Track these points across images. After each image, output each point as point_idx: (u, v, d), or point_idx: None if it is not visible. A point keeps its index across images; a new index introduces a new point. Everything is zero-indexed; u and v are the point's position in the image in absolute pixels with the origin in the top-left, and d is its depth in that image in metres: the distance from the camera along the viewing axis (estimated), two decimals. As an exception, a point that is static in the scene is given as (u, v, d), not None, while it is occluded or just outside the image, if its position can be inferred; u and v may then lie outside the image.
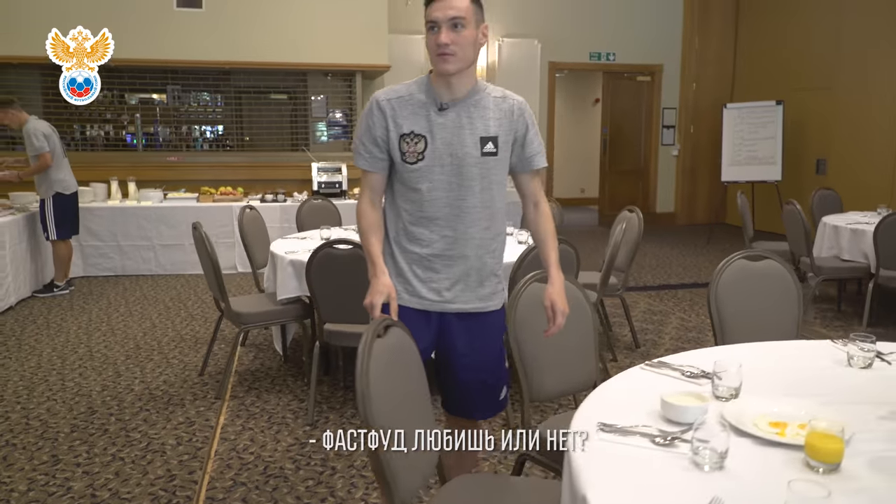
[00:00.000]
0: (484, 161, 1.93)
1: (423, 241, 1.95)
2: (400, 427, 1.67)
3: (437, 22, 1.81)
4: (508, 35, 9.13)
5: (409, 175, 1.91)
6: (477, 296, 2.02)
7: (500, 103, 1.97)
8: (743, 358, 2.03)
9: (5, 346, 4.36)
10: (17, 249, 5.35)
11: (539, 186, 2.11)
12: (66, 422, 3.22)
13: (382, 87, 6.91)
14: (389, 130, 1.90)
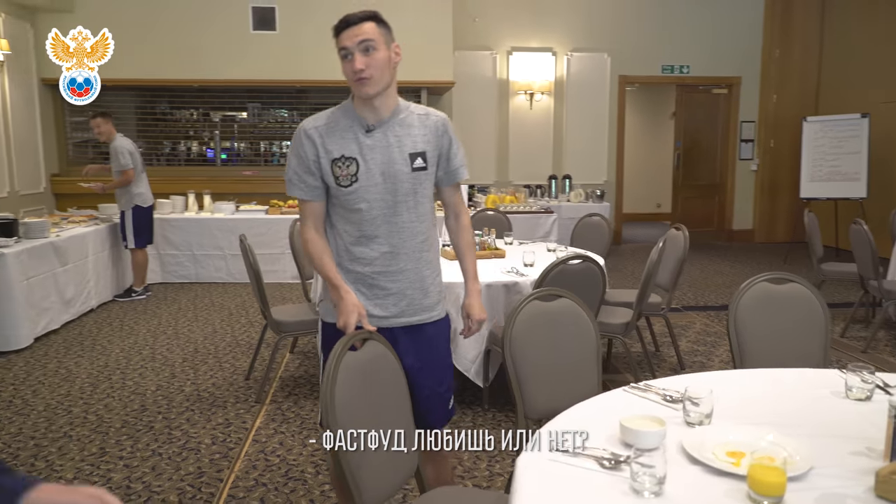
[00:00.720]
0: (416, 176, 1.99)
1: (364, 260, 2.00)
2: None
3: (348, 49, 1.89)
4: (577, 49, 9.09)
5: (345, 198, 1.97)
6: (421, 307, 2.07)
7: (424, 120, 2.03)
8: (737, 384, 2.01)
9: (81, 345, 4.74)
10: (100, 257, 5.79)
11: (461, 198, 2.19)
12: (119, 418, 3.48)
13: (450, 103, 7.08)
14: (320, 157, 1.96)
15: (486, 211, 5.68)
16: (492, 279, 3.48)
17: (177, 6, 7.43)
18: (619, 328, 3.66)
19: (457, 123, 8.91)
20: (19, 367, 4.26)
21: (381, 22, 1.95)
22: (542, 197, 8.66)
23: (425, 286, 2.08)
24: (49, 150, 7.66)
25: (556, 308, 2.34)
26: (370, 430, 1.75)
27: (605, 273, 3.29)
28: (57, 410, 3.57)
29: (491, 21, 8.90)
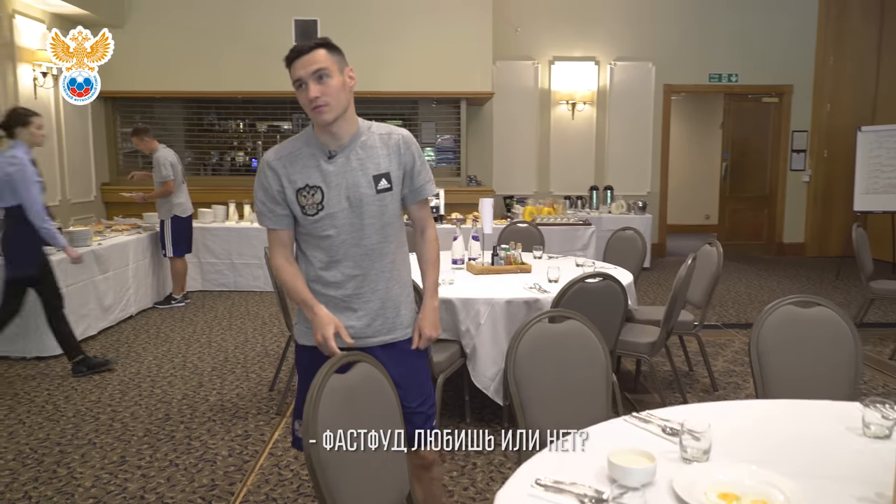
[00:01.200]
0: (381, 198, 1.99)
1: (335, 284, 2.01)
2: (355, 463, 1.72)
3: (302, 79, 1.89)
4: (620, 58, 8.94)
5: (313, 226, 1.97)
6: (395, 325, 2.08)
7: (386, 140, 2.02)
8: (747, 415, 1.90)
9: (116, 351, 4.86)
10: (140, 265, 5.95)
11: (428, 214, 2.18)
12: (143, 426, 3.54)
13: (490, 113, 7.09)
14: (285, 188, 1.96)
15: (518, 224, 5.59)
16: (513, 295, 3.42)
17: (222, 21, 7.62)
18: (646, 348, 3.54)
19: (497, 134, 8.90)
20: (56, 372, 4.39)
21: (333, 48, 1.95)
22: (582, 208, 8.53)
23: (397, 304, 2.08)
24: (100, 159, 7.93)
25: (563, 330, 2.27)
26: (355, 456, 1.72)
27: (626, 292, 3.18)
28: (85, 417, 3.66)
29: (533, 31, 8.83)
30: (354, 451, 1.72)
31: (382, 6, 7.83)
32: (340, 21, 7.81)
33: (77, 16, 7.12)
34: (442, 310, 3.42)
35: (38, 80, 6.67)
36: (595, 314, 3.08)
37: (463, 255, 4.22)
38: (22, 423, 3.58)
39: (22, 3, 6.48)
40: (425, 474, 2.16)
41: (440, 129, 8.63)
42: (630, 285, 3.78)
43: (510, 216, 7.63)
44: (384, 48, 7.86)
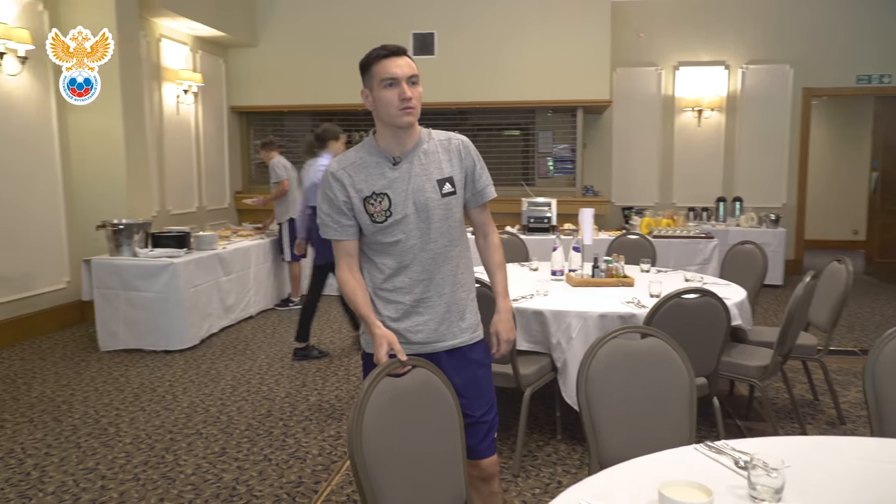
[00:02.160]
0: (446, 202, 2.00)
1: (403, 289, 2.00)
2: (404, 468, 1.70)
3: (397, 78, 1.91)
4: (753, 61, 8.38)
5: (381, 233, 1.97)
6: (460, 329, 2.07)
7: (446, 145, 2.04)
8: (847, 453, 1.69)
9: (234, 349, 5.17)
10: (261, 268, 6.30)
11: (489, 218, 2.17)
12: (246, 420, 3.73)
13: (610, 121, 6.96)
14: (351, 197, 1.96)
15: (629, 235, 5.37)
16: (608, 309, 3.28)
17: (346, 37, 7.94)
18: (756, 372, 3.26)
19: (617, 142, 8.63)
20: (178, 365, 4.73)
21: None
22: (707, 221, 8.06)
23: (461, 309, 2.07)
24: (234, 169, 8.52)
25: (643, 348, 2.14)
26: (405, 461, 1.71)
27: (728, 310, 2.94)
28: (197, 408, 3.91)
29: (657, 35, 8.49)
30: (403, 457, 1.70)
31: (498, 17, 7.84)
32: (457, 33, 7.92)
33: (216, 38, 7.70)
34: (533, 321, 3.36)
35: (180, 97, 7.27)
36: (692, 332, 2.91)
37: (563, 266, 4.10)
38: (143, 410, 3.88)
39: (168, 28, 7.10)
40: (485, 487, 2.11)
41: (557, 139, 8.49)
42: (742, 303, 3.51)
43: (627, 227, 7.36)
44: (500, 58, 7.87)
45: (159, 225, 6.69)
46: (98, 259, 5.06)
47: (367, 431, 1.64)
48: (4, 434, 3.52)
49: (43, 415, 3.79)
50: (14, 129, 5.25)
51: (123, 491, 2.93)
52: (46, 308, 5.57)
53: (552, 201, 6.95)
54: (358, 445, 1.61)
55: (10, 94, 5.19)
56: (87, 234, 5.70)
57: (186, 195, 7.49)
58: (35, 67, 5.40)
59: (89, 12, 5.67)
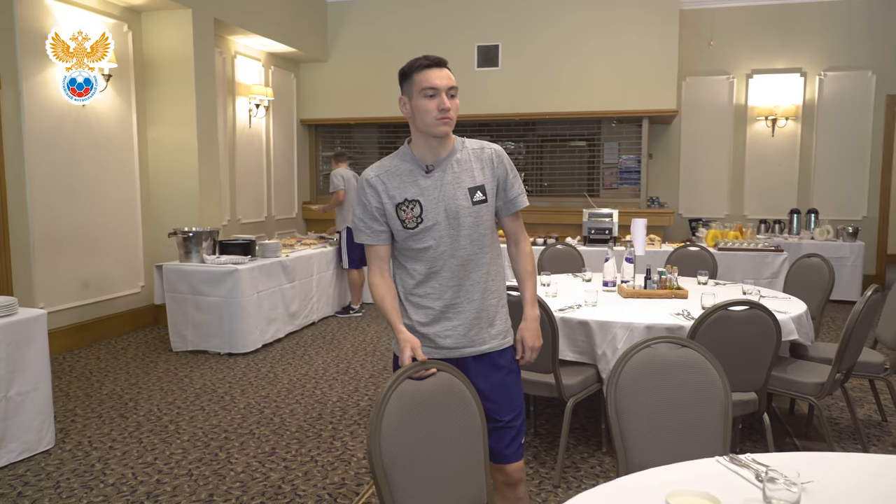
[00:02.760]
0: (477, 210, 2.03)
1: (433, 295, 2.05)
2: (423, 470, 1.72)
3: (437, 89, 1.94)
4: (832, 68, 8.02)
5: (412, 239, 2.02)
6: (489, 335, 2.09)
7: (479, 154, 2.07)
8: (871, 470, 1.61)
9: (294, 354, 5.33)
10: (323, 276, 6.47)
11: (521, 227, 2.20)
12: (297, 422, 3.84)
13: (678, 131, 6.85)
14: (384, 203, 2.01)
15: (689, 247, 5.23)
16: (655, 321, 3.21)
17: (412, 50, 8.00)
18: (812, 389, 3.12)
19: (685, 153, 8.43)
20: (240, 367, 4.92)
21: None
22: (780, 233, 7.74)
23: (491, 315, 2.10)
24: (302, 180, 8.80)
25: (676, 359, 2.09)
26: (424, 463, 1.73)
27: (778, 324, 2.82)
28: (253, 409, 4.06)
29: (729, 43, 8.25)
30: (422, 458, 1.73)
31: (562, 28, 7.82)
32: (521, 44, 7.94)
33: (288, 54, 8.00)
34: (579, 332, 3.33)
35: (252, 110, 7.59)
36: (739, 346, 2.83)
37: (614, 277, 4.04)
38: (203, 409, 4.05)
39: (243, 45, 7.43)
40: (511, 492, 2.11)
41: (623, 149, 8.37)
42: (801, 318, 3.36)
43: (693, 240, 7.16)
44: (564, 69, 7.84)
45: (230, 233, 6.99)
46: (169, 265, 5.33)
47: (386, 432, 1.67)
48: (75, 427, 3.75)
49: (111, 411, 4.02)
50: (99, 143, 5.61)
51: (177, 485, 3.07)
52: (123, 311, 5.90)
53: (614, 212, 6.85)
54: (376, 446, 1.65)
55: (95, 109, 5.56)
56: (160, 241, 6.01)
57: (256, 205, 7.79)
58: (118, 84, 5.77)
59: (169, 32, 6.01)
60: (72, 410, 4.01)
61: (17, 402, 3.27)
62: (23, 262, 4.94)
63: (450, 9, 8.09)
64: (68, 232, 5.33)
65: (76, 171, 5.40)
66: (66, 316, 5.33)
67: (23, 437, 3.31)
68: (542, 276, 4.21)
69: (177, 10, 5.94)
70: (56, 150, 5.20)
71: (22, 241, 4.93)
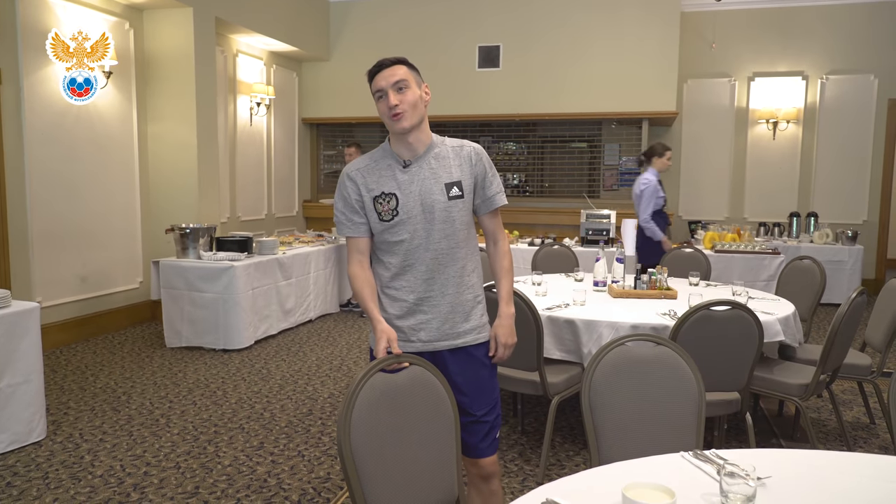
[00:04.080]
0: (452, 205, 2.05)
1: (407, 288, 2.08)
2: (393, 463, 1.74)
3: (383, 90, 2.00)
4: (833, 72, 8.01)
5: (388, 231, 2.06)
6: (464, 330, 2.11)
7: (458, 151, 2.10)
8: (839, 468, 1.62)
9: (289, 350, 5.36)
10: (321, 274, 6.50)
11: (499, 225, 2.22)
12: (287, 417, 3.87)
13: (679, 134, 6.84)
14: (363, 196, 2.06)
15: (684, 249, 5.24)
16: (641, 320, 3.22)
17: (414, 50, 8.10)
18: (797, 390, 3.13)
19: (685, 155, 8.42)
20: (234, 364, 4.95)
21: (411, 66, 2.06)
22: (779, 237, 7.73)
23: (467, 310, 2.12)
24: (303, 179, 8.84)
25: (651, 356, 2.11)
26: (395, 455, 1.76)
27: (760, 324, 2.83)
28: (244, 404, 4.09)
29: (730, 46, 8.25)
30: (392, 451, 1.75)
31: (564, 29, 7.83)
32: (522, 45, 7.95)
33: (290, 52, 8.05)
34: (565, 330, 3.34)
35: (253, 109, 7.63)
36: (721, 346, 2.84)
37: (605, 277, 4.05)
38: (194, 404, 4.09)
39: (245, 44, 7.48)
40: (485, 486, 2.13)
41: (624, 151, 8.37)
42: (788, 319, 3.37)
43: (691, 242, 7.15)
44: (565, 70, 7.85)
45: (230, 230, 7.04)
46: (166, 261, 5.37)
47: (356, 425, 1.69)
48: (67, 420, 3.79)
49: (103, 404, 4.05)
50: (99, 140, 5.66)
51: (164, 478, 3.10)
52: (120, 306, 5.95)
53: (611, 213, 6.85)
54: (346, 438, 1.67)
55: (96, 107, 5.61)
56: (159, 238, 6.06)
57: (256, 203, 7.83)
58: (119, 81, 5.82)
59: (170, 30, 6.06)
60: (65, 403, 4.06)
61: (7, 393, 3.31)
62: (21, 256, 4.99)
63: (451, 9, 8.12)
64: (68, 227, 5.38)
65: (76, 168, 5.45)
66: (65, 310, 5.38)
67: (13, 428, 3.35)
68: (534, 276, 4.24)
69: (178, 9, 5.99)
70: (56, 146, 5.26)
71: (21, 236, 4.98)
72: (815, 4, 7.98)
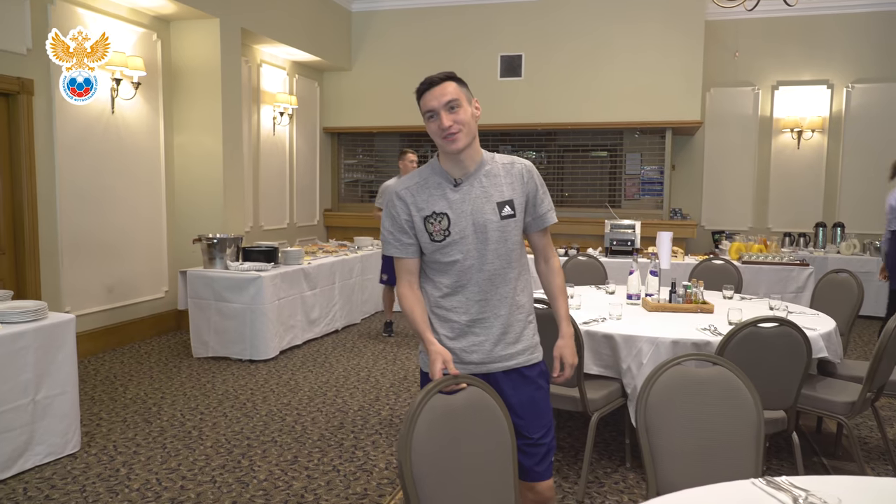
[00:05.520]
0: (504, 224, 2.02)
1: (459, 309, 2.04)
2: (453, 485, 1.72)
3: (435, 110, 1.95)
4: (860, 80, 7.94)
5: (440, 252, 2.02)
6: (518, 350, 2.08)
7: (509, 169, 2.07)
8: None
9: (315, 361, 5.34)
10: (346, 284, 6.49)
11: (549, 242, 2.20)
12: (319, 431, 3.85)
13: (702, 143, 6.78)
14: (413, 216, 2.02)
15: (714, 260, 5.18)
16: (680, 335, 3.18)
17: (436, 59, 8.12)
18: (842, 408, 3.07)
19: (708, 164, 8.37)
20: (261, 374, 4.94)
21: (461, 81, 2.01)
22: (805, 247, 7.65)
23: (518, 331, 2.09)
24: (324, 188, 8.85)
25: (707, 377, 2.07)
26: (454, 478, 1.73)
27: (809, 342, 2.78)
28: (275, 417, 4.07)
29: (754, 55, 8.20)
30: (452, 473, 1.72)
31: (586, 38, 7.81)
32: (544, 55, 7.94)
33: (312, 62, 8.07)
34: (603, 345, 3.30)
35: (276, 118, 7.65)
36: (769, 363, 2.79)
37: (639, 290, 4.01)
38: (225, 415, 4.08)
39: (268, 54, 7.50)
40: None
41: (646, 160, 8.33)
42: (830, 335, 3.32)
43: (716, 252, 7.09)
44: (588, 79, 7.82)
45: (252, 240, 7.04)
46: (193, 271, 5.38)
47: (417, 446, 1.68)
48: (100, 431, 3.79)
49: (135, 415, 4.05)
50: (127, 150, 5.69)
51: (200, 492, 3.09)
52: (146, 315, 5.96)
53: (636, 224, 6.80)
54: (407, 459, 1.65)
55: (124, 117, 5.63)
56: (185, 248, 6.07)
57: (279, 212, 7.85)
58: (146, 92, 5.84)
59: (197, 41, 6.09)
60: (97, 414, 4.06)
61: (44, 405, 3.31)
62: (51, 266, 5.01)
63: (473, 19, 8.11)
64: (95, 237, 5.41)
65: (104, 178, 5.48)
66: (92, 320, 5.40)
67: (49, 440, 3.35)
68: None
69: (205, 20, 6.02)
70: (85, 156, 5.28)
71: (51, 246, 5.00)
72: (840, 13, 7.91)
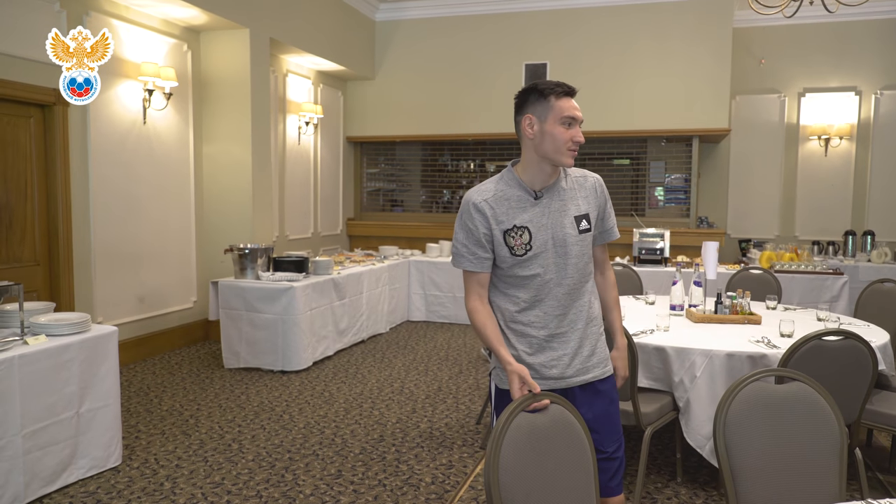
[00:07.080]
0: (583, 238, 2.01)
1: (537, 324, 2.01)
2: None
3: (576, 119, 1.94)
4: (889, 87, 7.85)
5: (519, 266, 1.98)
6: (593, 363, 2.06)
7: (583, 182, 2.06)
8: None
9: (346, 372, 5.30)
10: (373, 294, 6.46)
11: (607, 256, 2.21)
12: (360, 444, 3.80)
13: (728, 150, 6.73)
14: (492, 229, 1.97)
15: (751, 270, 5.11)
16: (735, 348, 3.11)
17: (459, 69, 8.14)
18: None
19: (734, 172, 8.30)
20: (295, 386, 4.91)
21: None
22: (834, 255, 7.55)
23: (593, 343, 2.07)
24: (347, 197, 8.83)
25: (787, 393, 2.02)
26: (539, 497, 1.68)
27: (874, 355, 2.72)
28: (313, 429, 4.03)
29: (781, 62, 8.13)
30: (539, 494, 1.68)
31: (612, 46, 7.77)
32: (569, 63, 7.89)
33: (336, 72, 8.07)
34: (654, 358, 3.25)
35: (301, 128, 7.65)
36: (834, 377, 2.72)
37: (682, 300, 3.95)
38: (263, 428, 4.04)
39: (294, 64, 7.51)
40: None
41: (669, 168, 8.27)
42: (885, 347, 3.25)
43: (744, 261, 7.01)
44: (613, 87, 7.78)
45: (278, 249, 7.03)
46: (224, 281, 5.36)
47: (504, 467, 1.63)
48: (139, 444, 3.76)
49: (173, 428, 4.02)
50: (157, 160, 5.69)
51: (247, 506, 3.05)
52: (175, 326, 5.94)
53: (665, 232, 6.74)
54: (495, 481, 1.61)
55: (155, 127, 5.64)
56: (214, 258, 6.06)
57: (303, 221, 7.83)
58: (177, 103, 5.85)
59: (227, 51, 6.09)
60: (134, 427, 4.03)
61: (88, 418, 3.28)
62: (84, 277, 5.00)
63: (498, 28, 8.09)
64: (126, 247, 5.40)
65: (135, 188, 5.47)
66: (123, 330, 5.37)
67: (93, 453, 3.32)
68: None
69: (235, 30, 6.02)
70: (118, 166, 5.28)
71: (84, 256, 5.00)
72: (868, 19, 7.83)
